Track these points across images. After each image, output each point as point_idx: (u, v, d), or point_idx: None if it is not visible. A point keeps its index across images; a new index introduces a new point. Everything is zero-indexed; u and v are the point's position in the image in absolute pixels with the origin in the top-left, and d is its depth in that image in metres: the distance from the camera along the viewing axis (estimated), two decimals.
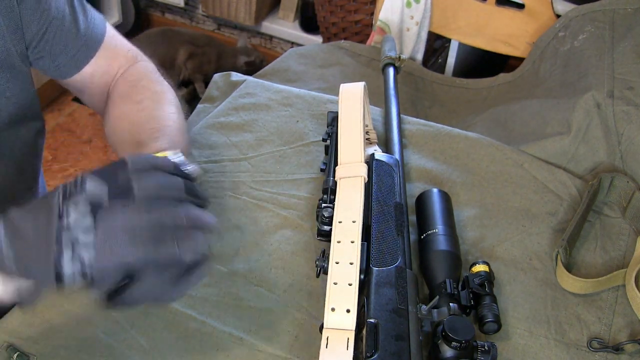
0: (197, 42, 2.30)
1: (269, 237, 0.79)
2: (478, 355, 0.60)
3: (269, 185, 0.87)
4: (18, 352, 0.63)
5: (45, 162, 2.05)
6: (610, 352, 0.69)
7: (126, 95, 0.80)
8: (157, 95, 0.80)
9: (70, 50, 0.79)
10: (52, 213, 0.48)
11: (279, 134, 0.95)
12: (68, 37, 0.78)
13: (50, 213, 0.48)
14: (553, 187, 0.89)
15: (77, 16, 0.79)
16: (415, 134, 0.97)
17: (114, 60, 0.84)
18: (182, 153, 0.66)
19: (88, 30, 0.81)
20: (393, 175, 0.79)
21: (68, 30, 0.78)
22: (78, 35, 0.79)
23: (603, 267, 0.79)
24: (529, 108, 1.09)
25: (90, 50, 0.81)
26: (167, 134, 0.72)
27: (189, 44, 2.28)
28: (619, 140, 0.94)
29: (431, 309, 0.64)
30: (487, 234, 0.82)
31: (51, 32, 0.76)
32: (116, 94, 0.82)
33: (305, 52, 1.37)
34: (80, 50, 0.80)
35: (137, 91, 0.80)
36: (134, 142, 0.70)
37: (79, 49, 0.80)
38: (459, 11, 1.40)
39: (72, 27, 0.78)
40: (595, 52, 1.09)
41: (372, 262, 0.67)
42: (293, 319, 0.70)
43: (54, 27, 0.76)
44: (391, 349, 0.58)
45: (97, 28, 0.82)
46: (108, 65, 0.83)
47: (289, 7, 2.40)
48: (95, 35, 0.82)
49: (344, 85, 0.88)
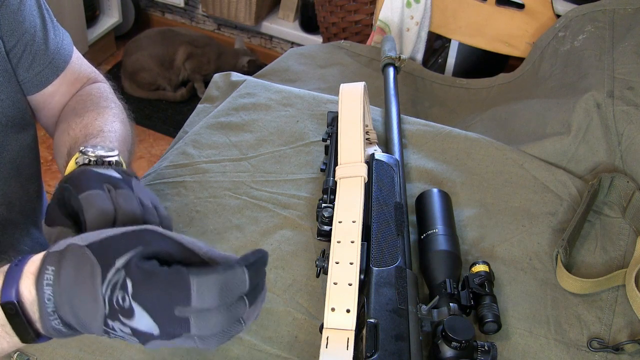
0: (196, 43, 2.30)
1: (269, 237, 0.79)
2: (478, 355, 0.60)
3: (269, 185, 0.86)
4: (18, 352, 0.63)
5: (45, 162, 2.05)
6: (610, 352, 0.69)
7: (72, 110, 0.78)
8: (101, 110, 0.77)
9: (37, 67, 0.77)
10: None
11: (279, 134, 0.95)
12: (37, 53, 0.76)
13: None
14: (553, 187, 0.89)
15: (47, 33, 0.77)
16: (415, 134, 0.97)
17: (75, 82, 0.82)
18: (113, 149, 0.65)
19: (57, 49, 0.78)
20: (393, 175, 0.79)
21: (38, 46, 0.76)
22: (47, 52, 0.77)
23: (603, 267, 0.79)
24: (529, 108, 1.09)
25: (56, 70, 0.79)
26: (98, 135, 0.70)
27: (188, 44, 2.29)
28: (619, 140, 0.94)
29: (431, 309, 0.64)
30: (487, 234, 0.82)
31: (21, 45, 0.74)
32: (65, 111, 0.80)
33: (305, 52, 1.37)
34: (46, 68, 0.78)
35: (84, 107, 0.78)
36: (67, 152, 0.69)
37: (46, 66, 0.78)
38: (459, 11, 1.40)
39: (42, 43, 0.76)
40: (595, 52, 1.09)
41: (372, 262, 0.67)
42: (293, 319, 0.70)
43: (24, 40, 0.74)
44: (391, 349, 0.58)
45: (65, 48, 0.80)
46: (69, 86, 0.81)
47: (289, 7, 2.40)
48: (63, 55, 0.80)
49: (344, 85, 0.88)
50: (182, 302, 0.44)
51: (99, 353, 0.65)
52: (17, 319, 0.47)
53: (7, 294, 0.46)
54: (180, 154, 0.91)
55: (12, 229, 0.81)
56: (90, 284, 0.45)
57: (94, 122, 0.74)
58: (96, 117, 0.74)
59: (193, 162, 0.89)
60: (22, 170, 0.80)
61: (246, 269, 0.46)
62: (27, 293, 0.47)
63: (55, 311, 0.46)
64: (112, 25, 2.46)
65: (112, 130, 0.72)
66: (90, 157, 0.63)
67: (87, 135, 0.70)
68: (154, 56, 2.27)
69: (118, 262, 0.45)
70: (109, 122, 0.74)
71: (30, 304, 0.47)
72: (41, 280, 0.46)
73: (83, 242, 0.47)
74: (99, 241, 0.47)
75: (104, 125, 0.73)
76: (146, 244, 0.47)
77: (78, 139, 0.71)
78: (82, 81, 0.83)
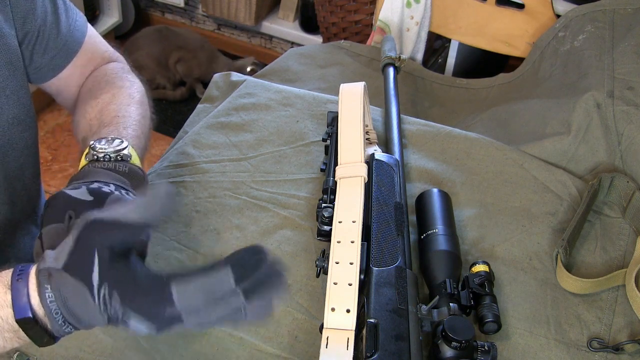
0: (189, 46, 2.30)
1: (269, 237, 0.79)
2: (478, 355, 0.60)
3: (269, 185, 0.86)
4: (18, 352, 0.63)
5: (45, 162, 2.05)
6: (610, 352, 0.69)
7: (88, 92, 0.78)
8: (117, 91, 0.77)
9: (51, 52, 0.76)
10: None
11: (279, 134, 0.95)
12: (49, 38, 0.75)
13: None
14: (553, 187, 0.89)
15: (59, 16, 0.76)
16: (415, 134, 0.97)
17: (90, 62, 0.81)
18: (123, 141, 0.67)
19: (69, 32, 0.77)
20: (393, 175, 0.79)
21: (49, 31, 0.75)
22: (59, 36, 0.76)
23: (603, 267, 0.79)
24: (529, 108, 1.09)
25: (69, 54, 0.78)
26: (111, 124, 0.71)
27: (179, 48, 2.28)
28: (619, 140, 0.94)
29: (431, 309, 0.64)
30: (487, 234, 0.82)
31: (34, 31, 0.73)
32: (81, 92, 0.80)
33: (305, 52, 1.37)
34: (60, 52, 0.77)
35: (99, 87, 0.78)
36: (82, 139, 0.71)
37: (59, 50, 0.77)
38: (459, 11, 1.40)
39: (54, 28, 0.75)
40: (595, 52, 1.09)
41: (372, 262, 0.67)
42: (293, 319, 0.70)
43: (36, 26, 0.73)
44: (391, 349, 0.58)
45: (78, 30, 0.79)
46: (84, 67, 0.81)
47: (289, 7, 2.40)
48: (75, 38, 0.79)
49: (344, 85, 0.88)
50: (168, 305, 0.46)
51: (99, 353, 0.65)
52: (34, 329, 0.49)
53: (22, 311, 0.49)
54: (180, 154, 0.91)
55: (14, 229, 0.81)
56: (86, 303, 0.47)
57: (109, 106, 0.74)
58: (111, 100, 0.75)
59: (193, 162, 0.89)
60: (25, 170, 0.80)
61: (230, 267, 0.47)
62: (37, 308, 0.49)
63: (65, 321, 0.49)
64: (112, 25, 2.46)
65: (127, 115, 0.73)
66: (98, 153, 0.65)
67: (101, 122, 0.71)
68: (151, 55, 2.27)
69: (94, 279, 0.47)
70: (123, 105, 0.75)
71: (42, 317, 0.49)
72: (44, 297, 0.48)
73: (58, 264, 0.48)
74: (68, 260, 0.48)
75: (119, 109, 0.73)
76: (100, 245, 0.48)
77: (92, 126, 0.72)
78: (97, 60, 0.82)
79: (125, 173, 0.65)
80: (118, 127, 0.71)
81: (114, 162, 0.65)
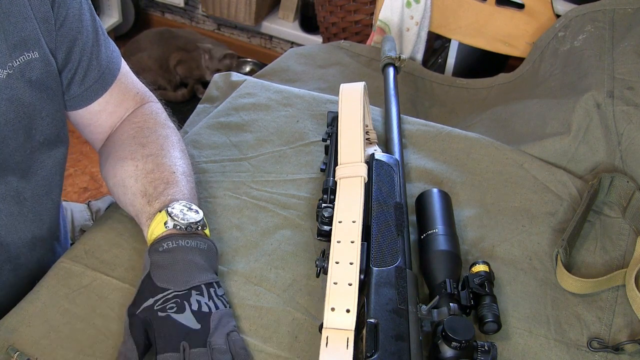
0: (188, 47, 2.30)
1: (268, 237, 0.79)
2: (478, 355, 0.60)
3: (269, 185, 0.87)
4: (18, 352, 0.63)
5: None
6: (610, 352, 0.69)
7: (131, 138, 0.78)
8: (163, 140, 0.78)
9: (88, 81, 0.76)
10: None
11: (279, 134, 0.95)
12: (89, 69, 0.75)
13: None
14: (553, 187, 0.89)
15: (100, 47, 0.76)
16: (415, 134, 0.97)
17: (123, 101, 0.81)
18: (186, 201, 0.71)
19: (107, 63, 0.77)
20: (393, 175, 0.79)
21: (89, 61, 0.75)
22: (99, 66, 0.76)
23: (603, 267, 0.79)
24: (529, 108, 1.09)
25: (105, 85, 0.78)
26: (173, 182, 0.73)
27: (179, 50, 2.28)
28: (619, 140, 0.94)
29: (431, 309, 0.64)
30: (487, 234, 0.82)
31: (75, 60, 0.73)
32: (121, 136, 0.79)
33: (305, 52, 1.37)
34: (96, 82, 0.76)
35: (142, 134, 0.78)
36: (140, 192, 0.73)
37: (96, 80, 0.76)
38: (459, 11, 1.40)
39: (94, 59, 0.75)
40: (595, 52, 1.09)
41: (372, 262, 0.67)
42: (293, 319, 0.70)
43: (79, 56, 0.73)
44: (391, 349, 0.58)
45: (114, 62, 0.79)
46: (117, 105, 0.80)
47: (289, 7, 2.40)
48: (112, 70, 0.78)
49: (344, 85, 0.88)
50: None
51: (99, 354, 0.65)
52: None
53: None
54: None
55: (40, 246, 0.80)
56: None
57: (161, 160, 0.75)
58: (160, 151, 0.76)
59: (193, 162, 0.89)
60: (53, 188, 0.79)
61: None
62: None
63: None
64: (112, 26, 2.46)
65: (182, 172, 0.75)
66: (180, 223, 0.68)
67: (159, 178, 0.73)
68: (153, 57, 2.27)
69: None
70: (176, 159, 0.76)
71: None
72: None
73: None
74: None
75: (173, 165, 0.75)
76: None
77: (148, 175, 0.74)
78: (131, 96, 0.82)
79: (204, 251, 0.69)
80: (180, 188, 0.73)
81: (195, 240, 0.68)
